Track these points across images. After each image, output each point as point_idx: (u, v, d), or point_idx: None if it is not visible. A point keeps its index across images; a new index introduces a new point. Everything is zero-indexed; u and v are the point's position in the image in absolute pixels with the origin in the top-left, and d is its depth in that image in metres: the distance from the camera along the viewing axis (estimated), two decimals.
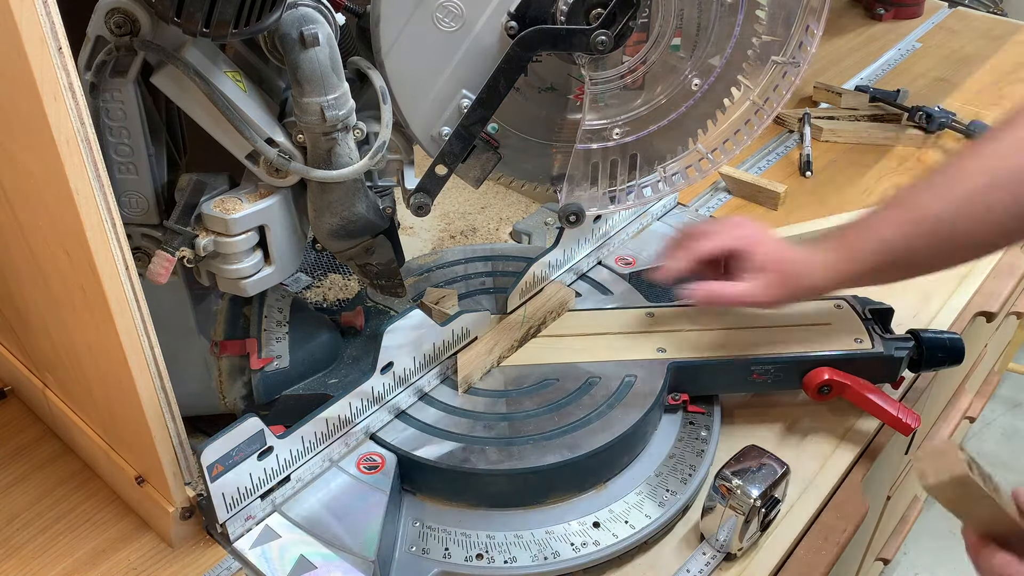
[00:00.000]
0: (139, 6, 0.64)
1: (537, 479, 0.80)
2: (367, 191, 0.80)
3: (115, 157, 0.70)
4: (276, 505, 0.79)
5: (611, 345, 0.93)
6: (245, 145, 0.73)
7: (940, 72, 1.66)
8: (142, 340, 0.68)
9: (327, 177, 0.74)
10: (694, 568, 0.78)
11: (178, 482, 0.76)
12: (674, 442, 0.87)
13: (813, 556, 0.81)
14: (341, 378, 0.89)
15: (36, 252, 0.71)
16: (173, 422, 0.73)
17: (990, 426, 2.41)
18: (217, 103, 0.68)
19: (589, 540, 0.78)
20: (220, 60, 0.71)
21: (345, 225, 0.79)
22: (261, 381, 0.86)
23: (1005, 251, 1.20)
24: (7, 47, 0.55)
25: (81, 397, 0.83)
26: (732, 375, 0.91)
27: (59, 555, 0.79)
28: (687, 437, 0.88)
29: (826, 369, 0.89)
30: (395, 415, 0.87)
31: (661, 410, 0.89)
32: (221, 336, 0.85)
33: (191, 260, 0.74)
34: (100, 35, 0.65)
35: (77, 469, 0.88)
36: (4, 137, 0.64)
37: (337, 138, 0.73)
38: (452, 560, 0.76)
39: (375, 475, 0.81)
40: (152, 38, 0.65)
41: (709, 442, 0.87)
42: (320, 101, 0.70)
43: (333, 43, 0.70)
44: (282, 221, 0.77)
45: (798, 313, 0.96)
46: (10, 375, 0.96)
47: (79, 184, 0.60)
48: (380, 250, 0.84)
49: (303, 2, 0.68)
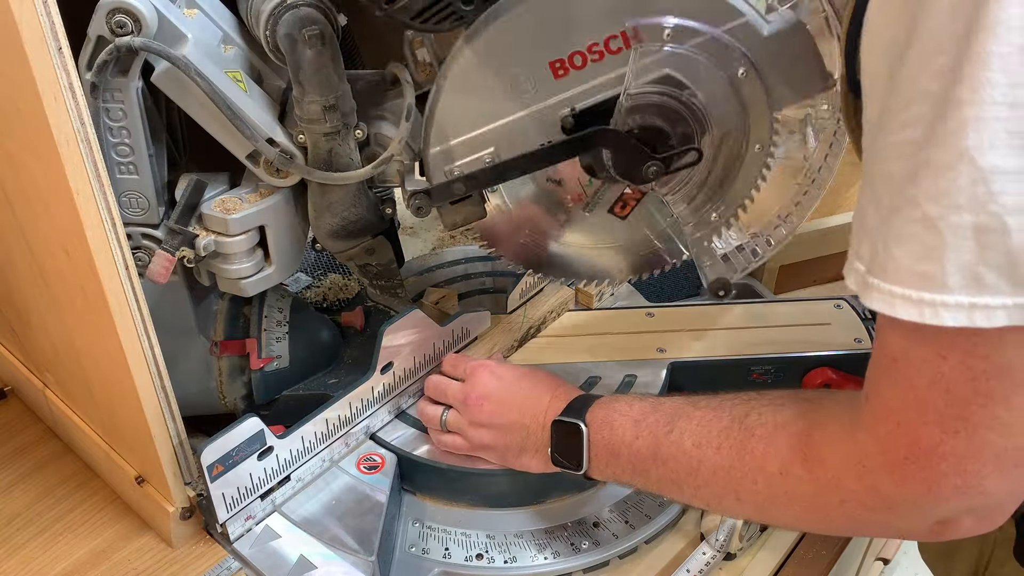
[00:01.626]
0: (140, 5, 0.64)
1: (537, 479, 0.80)
2: (367, 192, 0.80)
3: (115, 157, 0.70)
4: (276, 505, 0.79)
5: (611, 345, 0.93)
6: (246, 145, 0.73)
7: None
8: (142, 340, 0.68)
9: (328, 179, 0.74)
10: (694, 568, 0.78)
11: (178, 482, 0.76)
12: None
13: (813, 556, 0.81)
14: (341, 378, 0.89)
15: (36, 252, 0.71)
16: (173, 422, 0.73)
17: None
18: (218, 103, 0.68)
19: (589, 540, 0.78)
20: (221, 59, 0.71)
21: (345, 226, 0.79)
22: (261, 381, 0.86)
23: None
24: (7, 47, 0.55)
25: (81, 397, 0.83)
26: (732, 375, 0.91)
27: (59, 555, 0.79)
28: None
29: (826, 369, 0.89)
30: (395, 415, 0.87)
31: None
32: (221, 336, 0.85)
33: (191, 260, 0.74)
34: (101, 35, 0.65)
35: (77, 469, 0.88)
36: (4, 137, 0.64)
37: (338, 138, 0.73)
38: (452, 560, 0.76)
39: (375, 475, 0.81)
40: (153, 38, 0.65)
41: None
42: (321, 101, 0.70)
43: (335, 43, 0.70)
44: (282, 221, 0.77)
45: (798, 313, 0.96)
46: (10, 375, 0.96)
47: (79, 184, 0.60)
48: (380, 250, 0.84)
49: (305, 2, 0.68)
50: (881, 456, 0.52)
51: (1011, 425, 0.47)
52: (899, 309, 0.47)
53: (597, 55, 0.73)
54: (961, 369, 0.47)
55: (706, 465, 0.63)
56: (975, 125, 0.43)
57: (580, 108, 0.75)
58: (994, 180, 0.43)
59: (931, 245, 0.45)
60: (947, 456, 0.49)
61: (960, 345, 0.47)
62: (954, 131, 0.44)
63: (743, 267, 0.86)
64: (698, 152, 0.77)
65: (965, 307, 0.45)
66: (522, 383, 0.78)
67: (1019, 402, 0.47)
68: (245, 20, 0.75)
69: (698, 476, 0.64)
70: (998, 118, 0.42)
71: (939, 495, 0.50)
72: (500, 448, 0.78)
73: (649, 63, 0.73)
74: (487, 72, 0.73)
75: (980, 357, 0.47)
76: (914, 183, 0.46)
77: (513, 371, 0.80)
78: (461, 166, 0.76)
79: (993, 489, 0.49)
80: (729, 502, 0.63)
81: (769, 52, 0.74)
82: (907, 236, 0.46)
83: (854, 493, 0.54)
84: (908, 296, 0.47)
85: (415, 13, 0.65)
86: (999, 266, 0.44)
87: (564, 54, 0.73)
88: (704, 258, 0.85)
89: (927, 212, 0.45)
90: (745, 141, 0.79)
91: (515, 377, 0.79)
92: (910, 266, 0.46)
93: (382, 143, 0.80)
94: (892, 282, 0.47)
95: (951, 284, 0.45)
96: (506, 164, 0.76)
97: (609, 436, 0.70)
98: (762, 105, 0.77)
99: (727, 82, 0.75)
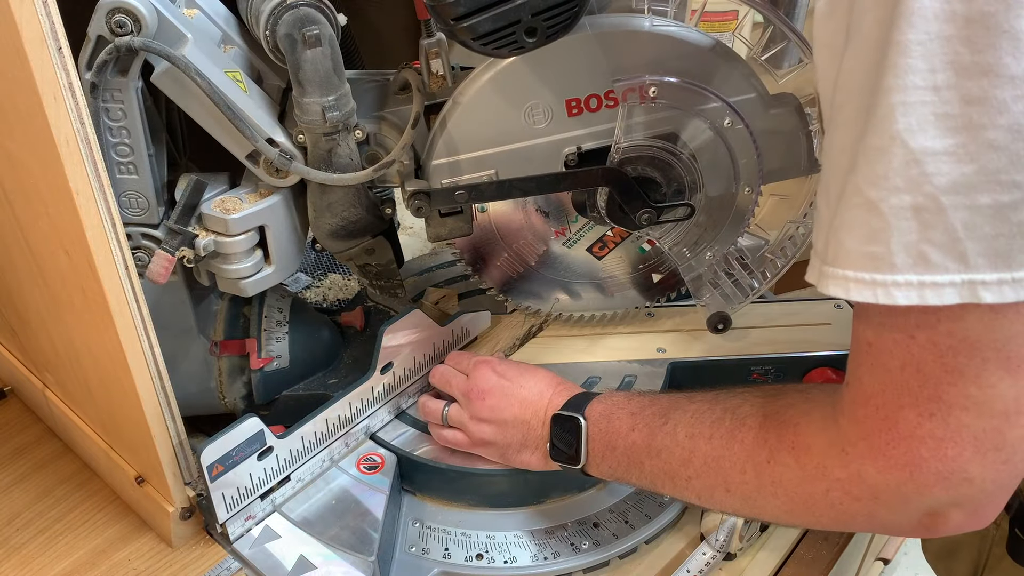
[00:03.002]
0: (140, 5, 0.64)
1: (537, 479, 0.80)
2: (367, 192, 0.80)
3: (115, 157, 0.70)
4: (276, 505, 0.79)
5: (611, 345, 0.93)
6: (246, 145, 0.73)
7: None
8: (142, 340, 0.68)
9: (328, 179, 0.74)
10: (694, 568, 0.78)
11: (178, 482, 0.76)
12: None
13: (813, 556, 0.81)
14: (341, 378, 0.89)
15: (36, 252, 0.71)
16: (173, 422, 0.73)
17: None
18: (217, 103, 0.68)
19: (589, 540, 0.78)
20: (220, 59, 0.71)
21: (345, 226, 0.79)
22: (261, 381, 0.86)
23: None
24: (7, 47, 0.55)
25: (81, 397, 0.83)
26: (732, 375, 0.91)
27: (59, 555, 0.79)
28: None
29: (826, 369, 0.89)
30: (395, 415, 0.87)
31: None
32: (221, 336, 0.85)
33: (191, 260, 0.74)
34: (101, 35, 0.65)
35: (77, 469, 0.88)
36: (4, 137, 0.64)
37: (337, 139, 0.73)
38: (452, 560, 0.76)
39: (375, 475, 0.81)
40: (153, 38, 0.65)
41: None
42: (321, 102, 0.70)
43: (335, 44, 0.70)
44: (282, 221, 0.77)
45: (798, 313, 0.96)
46: (10, 375, 0.96)
47: (79, 184, 0.60)
48: (379, 251, 0.84)
49: (305, 2, 0.68)
50: (863, 442, 0.53)
51: (984, 404, 0.48)
52: (854, 292, 0.48)
53: (612, 102, 0.78)
54: (929, 347, 0.48)
55: (697, 455, 0.64)
56: (902, 109, 0.45)
57: (585, 149, 0.79)
58: (926, 161, 0.45)
59: (876, 227, 0.47)
60: (926, 440, 0.50)
61: (926, 323, 0.48)
62: (884, 116, 0.45)
63: (742, 299, 0.88)
64: (690, 208, 0.82)
65: (915, 285, 0.46)
66: (524, 379, 0.78)
67: (990, 380, 0.47)
68: (245, 20, 0.75)
69: (690, 467, 0.64)
70: (924, 102, 0.44)
71: (922, 482, 0.51)
72: (501, 444, 0.78)
73: (650, 119, 0.78)
74: (507, 97, 0.77)
75: (944, 334, 0.48)
76: (855, 170, 0.47)
77: (515, 368, 0.80)
78: (461, 180, 0.79)
79: (976, 476, 0.50)
80: (719, 494, 0.64)
81: (766, 129, 0.81)
82: (853, 221, 0.48)
83: (839, 482, 0.55)
84: (861, 278, 0.48)
85: (479, 35, 0.67)
86: (941, 244, 0.45)
87: (581, 95, 0.77)
88: (701, 294, 0.88)
89: (868, 196, 0.47)
90: (735, 185, 0.84)
91: (517, 373, 0.79)
92: (859, 249, 0.48)
93: (381, 143, 0.80)
94: (844, 266, 0.49)
95: (899, 264, 0.46)
96: (511, 183, 0.79)
97: (606, 428, 0.70)
98: (751, 154, 0.81)
99: (718, 135, 0.80)
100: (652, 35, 0.76)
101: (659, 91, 0.77)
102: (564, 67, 0.75)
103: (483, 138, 0.78)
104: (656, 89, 0.77)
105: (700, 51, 0.77)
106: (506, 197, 0.81)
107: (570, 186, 0.81)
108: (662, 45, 0.76)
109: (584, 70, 0.76)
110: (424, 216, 0.81)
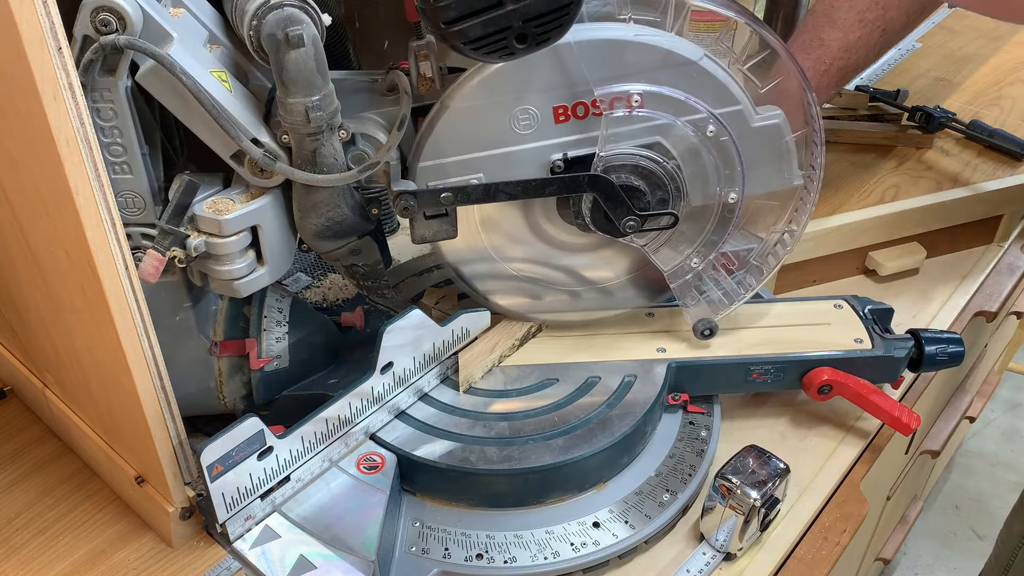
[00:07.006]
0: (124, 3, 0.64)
1: (537, 479, 0.80)
2: (353, 192, 0.80)
3: (109, 157, 0.70)
4: (276, 505, 0.79)
5: (611, 345, 0.93)
6: (230, 144, 0.72)
7: (940, 72, 1.66)
8: (142, 340, 0.68)
9: (312, 180, 0.74)
10: (694, 568, 0.78)
11: (178, 482, 0.76)
12: (674, 442, 0.87)
13: (813, 556, 0.81)
14: (341, 378, 0.88)
15: (36, 252, 0.71)
16: (173, 422, 0.73)
17: (990, 426, 2.41)
18: (202, 102, 0.68)
19: (589, 540, 0.78)
20: (206, 59, 0.70)
21: (331, 226, 0.79)
22: (261, 381, 0.86)
23: (1004, 248, 1.21)
24: (7, 47, 0.55)
25: (81, 397, 0.83)
26: (732, 375, 0.91)
27: (59, 555, 0.79)
28: (687, 437, 0.88)
29: (826, 369, 0.89)
30: (395, 415, 0.87)
31: (661, 410, 0.89)
32: (221, 336, 0.85)
33: (182, 260, 0.74)
34: (87, 34, 0.64)
35: (77, 469, 0.88)
36: (4, 137, 0.64)
37: (321, 139, 0.73)
38: (452, 560, 0.76)
39: (375, 475, 0.81)
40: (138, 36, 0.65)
41: (709, 442, 0.87)
42: (305, 102, 0.70)
43: (319, 44, 0.69)
44: (275, 221, 0.77)
45: (798, 313, 0.96)
46: (10, 375, 0.96)
47: (79, 184, 0.60)
48: (366, 251, 0.84)
49: (289, 2, 0.67)
50: None
51: None
52: None
53: (599, 109, 0.78)
54: None
55: None
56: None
57: (571, 156, 0.80)
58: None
59: None
60: None
61: None
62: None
63: (728, 305, 0.90)
64: (674, 217, 0.83)
65: None
66: None
67: None
68: (230, 19, 0.75)
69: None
70: None
71: None
72: None
73: (634, 128, 0.79)
74: (495, 102, 0.77)
75: None
76: None
77: None
78: (447, 183, 0.80)
79: None
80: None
81: (752, 143, 0.82)
82: None
83: None
84: None
85: (469, 40, 0.67)
86: None
87: (568, 102, 0.78)
88: (687, 299, 0.88)
89: None
90: (720, 194, 0.84)
91: None
92: None
93: (368, 144, 0.80)
94: None
95: None
96: (497, 186, 0.80)
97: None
98: (735, 163, 0.83)
99: (702, 144, 0.81)
100: (637, 44, 0.76)
101: (643, 100, 0.78)
102: (552, 74, 0.76)
103: (470, 142, 0.79)
104: (640, 98, 0.77)
105: (685, 61, 0.77)
106: (492, 200, 0.81)
107: (556, 191, 0.81)
108: (647, 54, 0.77)
109: (571, 77, 0.76)
110: (410, 216, 0.81)
